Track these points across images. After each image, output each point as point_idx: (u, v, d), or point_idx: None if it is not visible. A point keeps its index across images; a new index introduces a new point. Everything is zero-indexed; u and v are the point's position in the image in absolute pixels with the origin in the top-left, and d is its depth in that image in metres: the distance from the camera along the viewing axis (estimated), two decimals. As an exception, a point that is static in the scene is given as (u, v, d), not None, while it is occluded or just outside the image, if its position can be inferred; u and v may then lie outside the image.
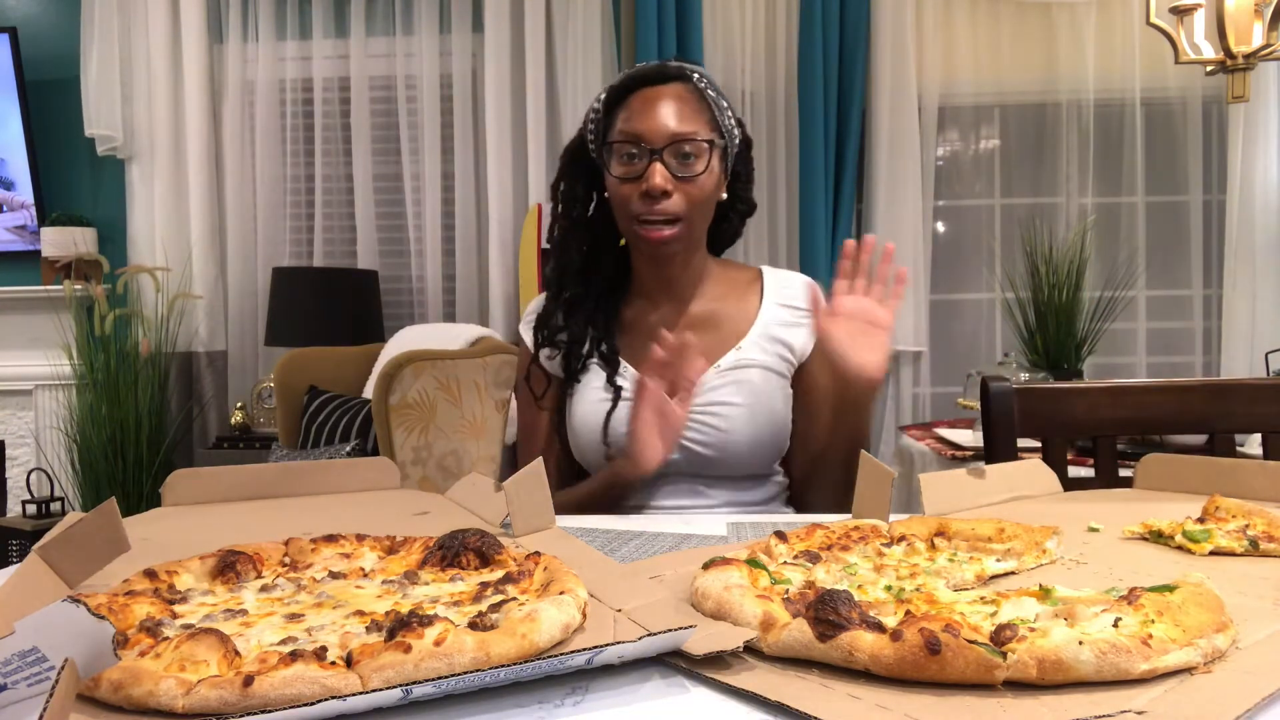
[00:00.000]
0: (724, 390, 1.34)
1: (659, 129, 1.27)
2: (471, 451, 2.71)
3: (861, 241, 1.24)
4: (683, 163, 1.27)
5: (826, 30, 3.54)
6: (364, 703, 0.52)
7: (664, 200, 1.26)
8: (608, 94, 1.33)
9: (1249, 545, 0.83)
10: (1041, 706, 0.51)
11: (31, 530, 3.18)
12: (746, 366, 1.36)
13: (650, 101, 1.29)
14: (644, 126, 1.27)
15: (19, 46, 3.69)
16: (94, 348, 3.53)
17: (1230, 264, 3.61)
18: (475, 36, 3.71)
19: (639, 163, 1.27)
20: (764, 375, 1.36)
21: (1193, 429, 1.52)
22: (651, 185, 1.25)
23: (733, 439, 1.32)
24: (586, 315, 1.38)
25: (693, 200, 1.29)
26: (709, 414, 1.33)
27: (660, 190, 1.25)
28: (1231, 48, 2.54)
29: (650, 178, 1.25)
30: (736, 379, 1.35)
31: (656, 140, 1.26)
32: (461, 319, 3.69)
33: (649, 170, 1.26)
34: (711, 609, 0.66)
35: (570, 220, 1.38)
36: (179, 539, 0.91)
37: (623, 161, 1.28)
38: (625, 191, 1.29)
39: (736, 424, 1.32)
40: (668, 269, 1.37)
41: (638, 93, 1.30)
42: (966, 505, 1.04)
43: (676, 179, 1.27)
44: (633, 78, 1.32)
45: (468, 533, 0.79)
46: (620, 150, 1.28)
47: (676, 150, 1.27)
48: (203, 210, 3.72)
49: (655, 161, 1.26)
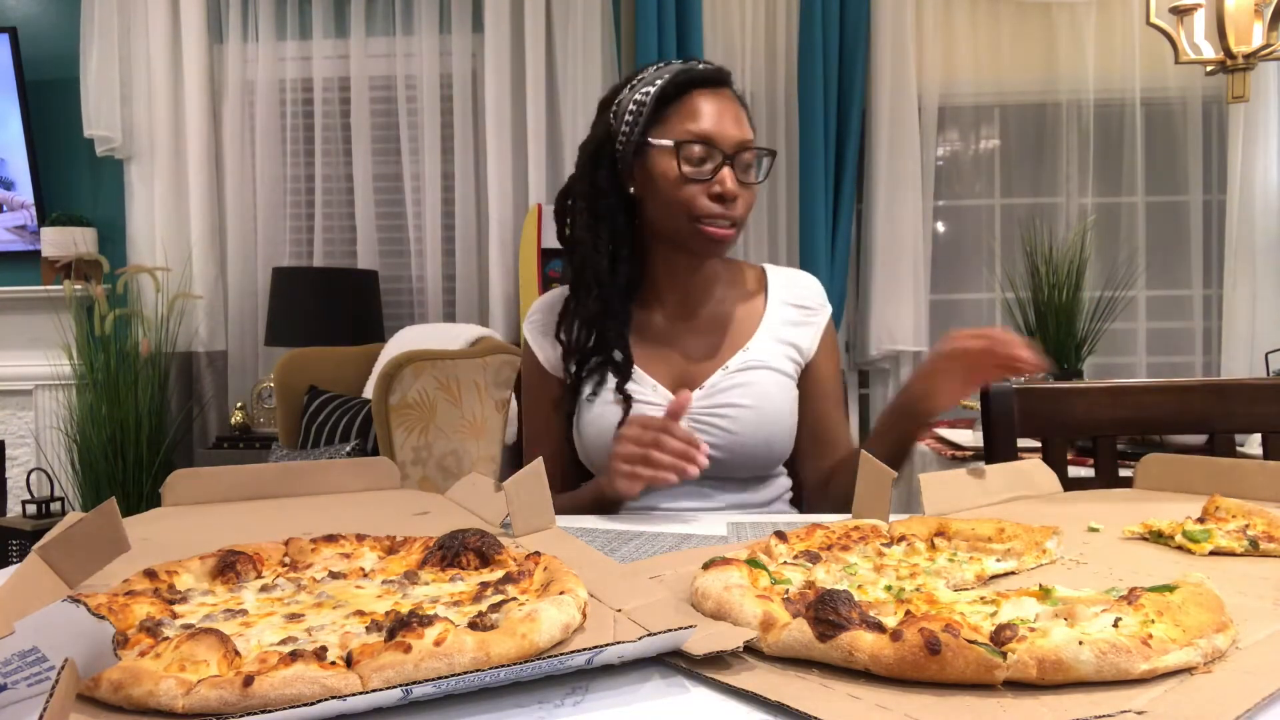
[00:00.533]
0: (732, 392, 1.33)
1: (729, 134, 1.28)
2: (471, 451, 2.71)
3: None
4: (745, 170, 1.30)
5: (826, 30, 3.54)
6: (364, 703, 0.52)
7: (732, 205, 1.28)
8: (661, 90, 1.30)
9: (1249, 545, 0.83)
10: (1041, 706, 0.51)
11: (31, 530, 3.18)
12: (754, 367, 1.35)
13: (715, 104, 1.29)
14: (715, 129, 1.27)
15: (19, 46, 3.69)
16: (94, 348, 3.53)
17: (1230, 264, 3.61)
18: (475, 36, 3.71)
19: (706, 165, 1.28)
20: (771, 376, 1.36)
21: (1193, 429, 1.52)
22: (726, 190, 1.27)
23: (741, 440, 1.32)
24: (603, 318, 1.36)
25: (749, 206, 1.32)
26: (717, 415, 1.32)
27: (733, 195, 1.27)
28: (1231, 48, 2.54)
29: (723, 181, 1.27)
30: (744, 380, 1.34)
31: (727, 145, 1.28)
32: (461, 319, 3.69)
33: (720, 174, 1.27)
34: (711, 609, 0.66)
35: (595, 218, 1.35)
36: (179, 539, 0.91)
37: (690, 161, 1.28)
38: (689, 192, 1.28)
39: (745, 426, 1.32)
40: (693, 270, 1.37)
41: (699, 93, 1.30)
42: (966, 505, 1.04)
43: (741, 184, 1.29)
44: (689, 78, 1.31)
45: (468, 533, 0.79)
46: (687, 150, 1.27)
47: (741, 159, 1.29)
48: (203, 210, 3.72)
49: (727, 165, 1.27)
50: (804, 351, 1.39)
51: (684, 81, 1.30)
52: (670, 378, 1.36)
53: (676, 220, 1.30)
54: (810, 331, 1.40)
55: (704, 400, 1.33)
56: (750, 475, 1.36)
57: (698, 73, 1.32)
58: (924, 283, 3.66)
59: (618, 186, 1.34)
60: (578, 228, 1.36)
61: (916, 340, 3.65)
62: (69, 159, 3.83)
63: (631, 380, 1.34)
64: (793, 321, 1.40)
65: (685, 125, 1.28)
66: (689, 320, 1.39)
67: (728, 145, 1.28)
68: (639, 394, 1.33)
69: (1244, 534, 0.85)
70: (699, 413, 1.32)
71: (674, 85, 1.30)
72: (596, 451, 1.35)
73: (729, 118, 1.29)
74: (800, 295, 1.42)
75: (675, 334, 1.38)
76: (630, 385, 1.34)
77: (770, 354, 1.37)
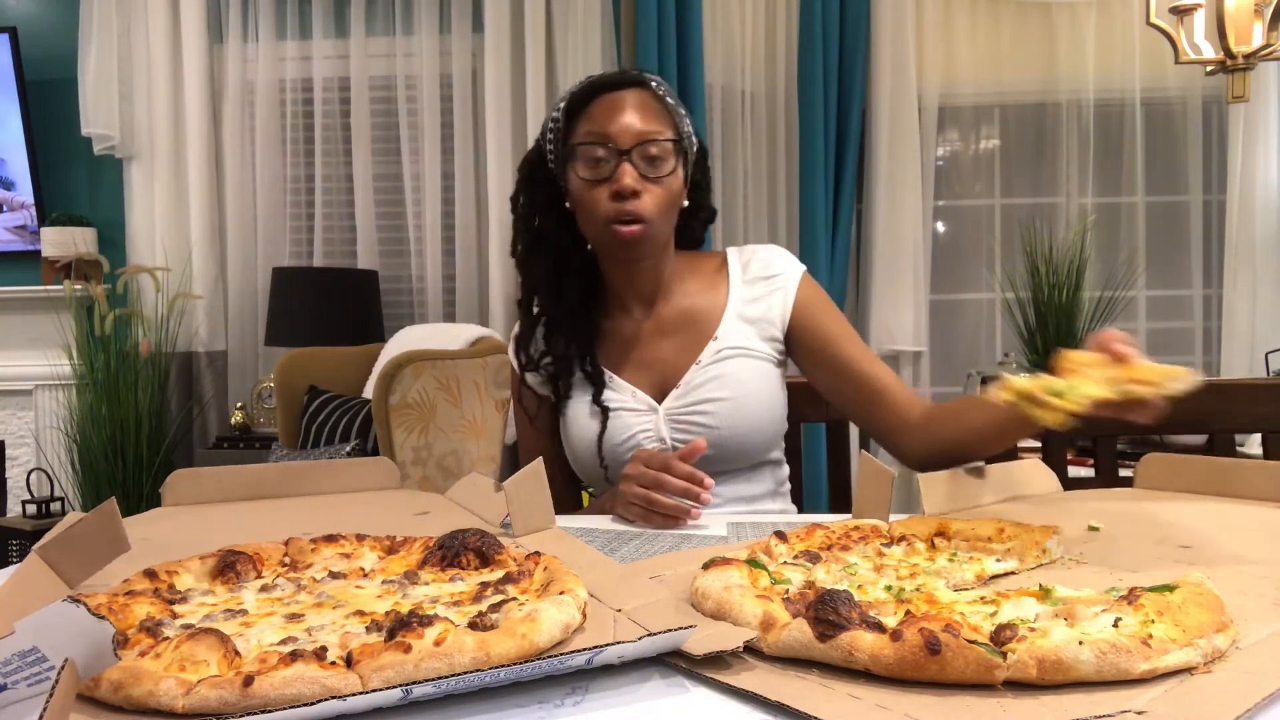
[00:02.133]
0: (707, 387, 1.32)
1: (626, 129, 1.25)
2: (471, 451, 2.71)
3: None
4: (650, 164, 1.26)
5: (826, 30, 3.54)
6: (364, 703, 0.52)
7: (633, 200, 1.25)
8: (568, 101, 1.31)
9: (1119, 392, 0.83)
10: (1041, 706, 0.51)
11: (31, 530, 3.18)
12: (727, 357, 1.34)
13: (614, 104, 1.27)
14: (611, 127, 1.25)
15: (19, 46, 3.69)
16: (94, 348, 3.53)
17: (1230, 264, 3.61)
18: (475, 36, 3.71)
19: (606, 165, 1.26)
20: (745, 362, 1.34)
21: (1193, 429, 1.52)
22: (622, 185, 1.24)
23: (723, 434, 1.31)
24: (566, 332, 1.36)
25: (660, 201, 1.28)
26: (696, 413, 1.31)
27: (630, 190, 1.24)
28: (1231, 48, 2.55)
29: (620, 178, 1.24)
30: (718, 373, 1.33)
31: (624, 141, 1.25)
32: (461, 319, 3.69)
33: (618, 171, 1.25)
34: (711, 609, 0.66)
35: (534, 233, 1.36)
36: (179, 539, 0.91)
37: (590, 164, 1.27)
38: (594, 195, 1.27)
39: (725, 419, 1.31)
40: (637, 274, 1.35)
41: (600, 98, 1.29)
42: (966, 505, 1.04)
43: (645, 179, 1.26)
44: (593, 84, 1.30)
45: (468, 533, 0.79)
46: (587, 153, 1.26)
47: (643, 151, 1.26)
48: (203, 210, 3.72)
49: (624, 162, 1.25)
50: (778, 321, 1.36)
51: (588, 90, 1.30)
52: (648, 382, 1.35)
53: (594, 226, 1.30)
54: (778, 298, 1.36)
55: (681, 400, 1.33)
56: (745, 465, 1.35)
57: (599, 79, 1.31)
58: (924, 283, 3.66)
59: (557, 204, 1.34)
60: (521, 252, 1.37)
61: (916, 340, 3.65)
62: (69, 159, 3.83)
63: (609, 389, 1.34)
64: (756, 297, 1.37)
65: (585, 128, 1.28)
66: (656, 322, 1.38)
67: (625, 140, 1.25)
68: (619, 402, 1.33)
69: (1118, 383, 0.84)
70: (678, 412, 1.32)
71: (579, 96, 1.30)
72: (583, 465, 1.36)
73: (631, 114, 1.26)
74: (759, 268, 1.39)
75: (646, 338, 1.37)
76: (609, 394, 1.34)
77: (740, 338, 1.35)
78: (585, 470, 1.37)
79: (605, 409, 1.32)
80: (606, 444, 1.32)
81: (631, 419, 1.32)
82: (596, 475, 1.36)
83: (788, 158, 3.63)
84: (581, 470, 1.38)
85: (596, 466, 1.34)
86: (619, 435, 1.32)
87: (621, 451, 1.31)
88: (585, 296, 1.38)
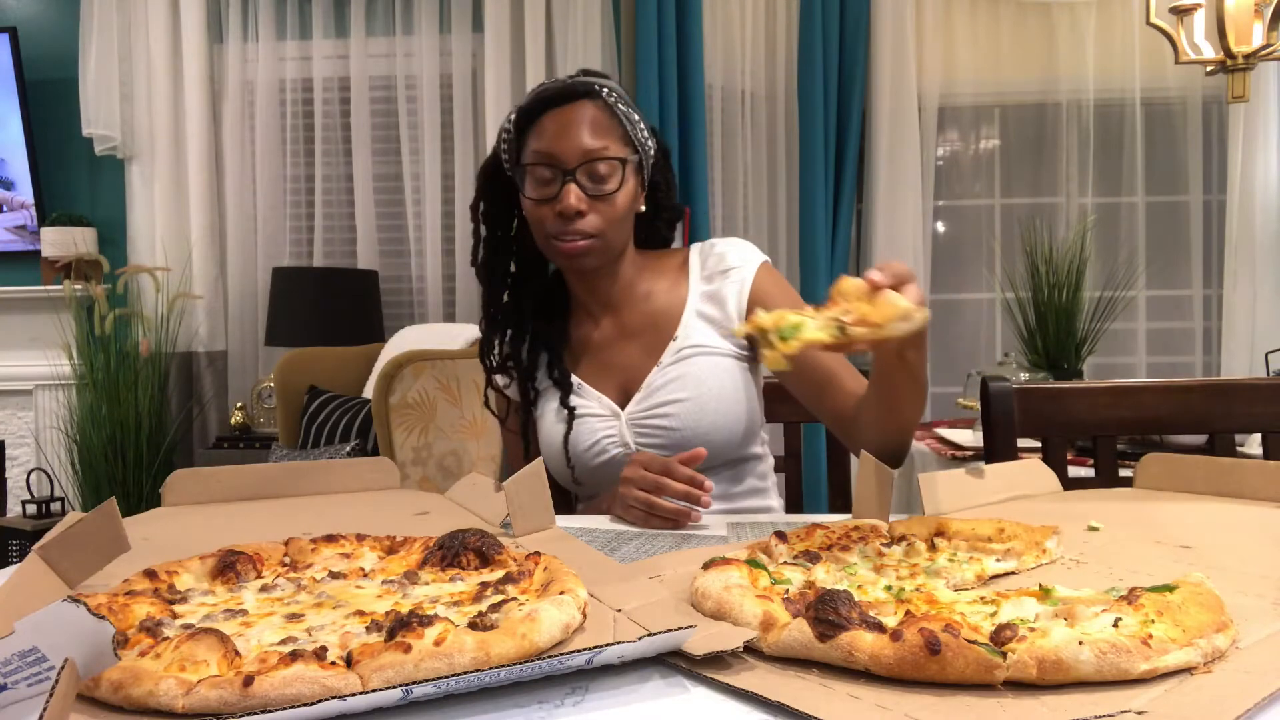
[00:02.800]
0: (667, 388, 1.32)
1: (570, 149, 1.25)
2: (471, 451, 2.71)
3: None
4: (595, 182, 1.27)
5: (826, 30, 3.54)
6: (364, 703, 0.52)
7: (579, 220, 1.26)
8: (517, 115, 1.31)
9: (837, 332, 0.81)
10: (1041, 706, 0.51)
11: (31, 530, 3.17)
12: (686, 357, 1.33)
13: (561, 122, 1.27)
14: (556, 147, 1.26)
15: (19, 46, 3.69)
16: (94, 348, 3.53)
17: (1230, 264, 3.61)
18: (475, 36, 3.71)
19: (553, 185, 1.26)
20: (706, 360, 1.33)
21: (1193, 429, 1.51)
22: (565, 206, 1.25)
23: (687, 435, 1.30)
24: (534, 338, 1.38)
25: (607, 218, 1.28)
26: (656, 415, 1.32)
27: (574, 210, 1.25)
28: (1231, 48, 2.54)
29: (564, 198, 1.25)
30: (678, 374, 1.32)
31: (569, 161, 1.25)
32: (461, 319, 3.68)
33: (563, 191, 1.25)
34: (711, 609, 0.66)
35: (494, 241, 1.38)
36: (179, 539, 0.91)
37: (537, 183, 1.27)
38: (541, 212, 1.28)
39: (686, 420, 1.30)
40: (595, 282, 1.37)
41: (548, 113, 1.28)
42: (966, 505, 1.04)
43: (590, 198, 1.27)
44: (541, 98, 1.29)
45: (468, 533, 0.79)
46: (534, 172, 1.27)
47: (589, 170, 1.26)
48: (203, 210, 3.72)
49: (569, 182, 1.25)
50: (734, 315, 1.34)
51: (535, 103, 1.29)
52: (614, 386, 1.36)
53: (540, 240, 1.32)
54: (733, 289, 1.35)
55: (643, 403, 1.33)
56: (718, 462, 1.33)
57: (546, 92, 1.30)
58: (924, 283, 3.66)
59: (515, 211, 1.36)
60: (479, 252, 1.39)
61: (916, 340, 3.64)
62: (69, 159, 3.83)
63: (576, 394, 1.35)
64: (713, 292, 1.37)
65: (532, 147, 1.28)
66: (619, 327, 1.38)
67: (570, 160, 1.25)
68: (584, 408, 1.34)
69: (837, 322, 0.83)
70: (639, 416, 1.32)
71: (527, 109, 1.30)
72: (552, 467, 1.35)
73: (576, 133, 1.26)
74: (716, 263, 1.38)
75: (610, 343, 1.38)
76: (575, 399, 1.35)
77: (699, 335, 1.34)
78: (555, 471, 1.37)
79: (571, 412, 1.34)
80: (572, 448, 1.34)
81: (596, 424, 1.33)
82: (565, 476, 1.37)
83: (788, 158, 3.63)
84: (552, 471, 1.37)
85: (564, 468, 1.35)
86: (584, 441, 1.33)
87: (588, 457, 1.33)
88: (544, 303, 1.40)
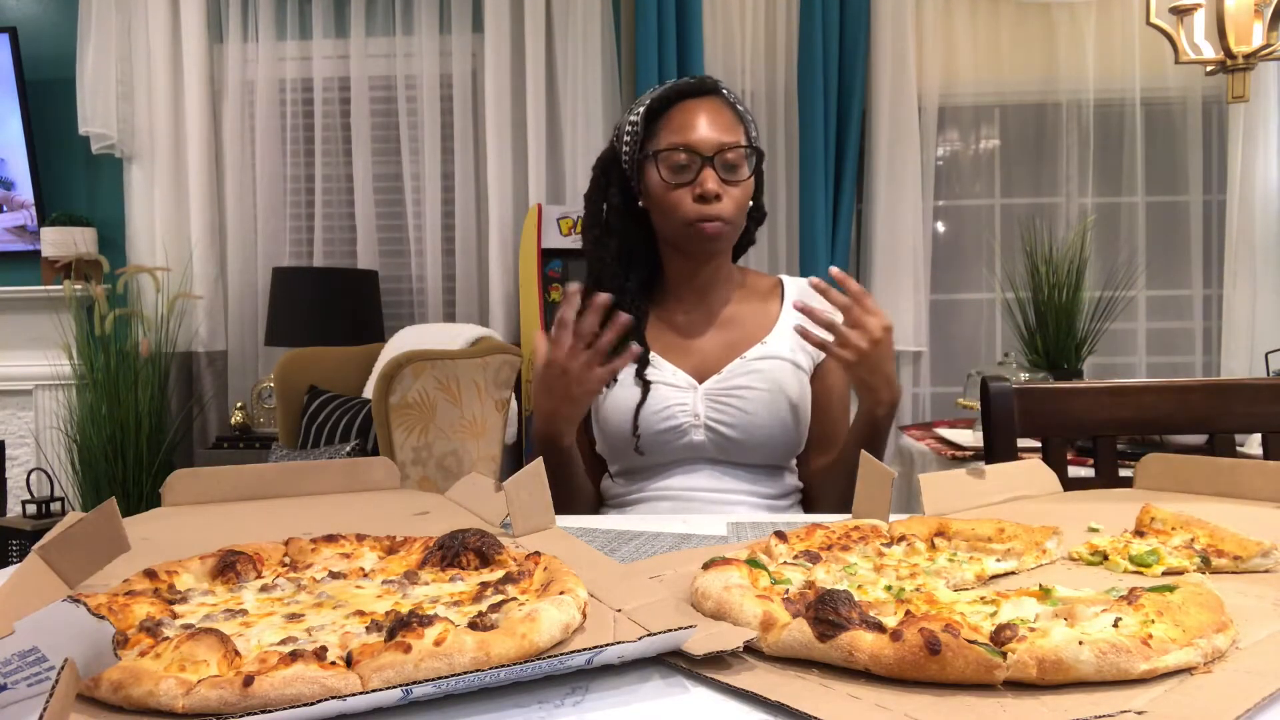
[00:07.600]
0: (748, 377, 1.40)
1: (708, 138, 1.36)
2: (471, 451, 2.71)
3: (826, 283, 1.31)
4: (728, 170, 1.37)
5: (826, 30, 3.54)
6: (364, 703, 0.52)
7: (716, 203, 1.36)
8: (648, 107, 1.40)
9: (1200, 562, 0.77)
10: (1041, 706, 0.51)
11: (31, 530, 3.17)
12: (771, 359, 1.42)
13: (695, 112, 1.37)
14: (694, 136, 1.36)
15: (19, 46, 3.69)
16: (94, 348, 3.53)
17: (1230, 264, 3.61)
18: (475, 36, 3.71)
19: (688, 171, 1.36)
20: (788, 367, 1.43)
21: (1193, 429, 1.51)
22: (706, 189, 1.34)
23: (755, 421, 1.38)
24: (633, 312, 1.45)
25: (737, 204, 1.39)
26: (733, 395, 1.39)
27: (714, 194, 1.35)
28: (1231, 48, 2.54)
29: (704, 182, 1.35)
30: (760, 369, 1.41)
31: (706, 148, 1.35)
32: (461, 319, 3.69)
33: (701, 176, 1.35)
34: (711, 609, 0.66)
35: (605, 228, 1.46)
36: (179, 539, 0.91)
37: (673, 170, 1.36)
38: (676, 197, 1.37)
39: (758, 407, 1.38)
40: (701, 271, 1.45)
41: (680, 104, 1.39)
42: (966, 505, 1.04)
43: (724, 183, 1.36)
44: (674, 91, 1.40)
45: (468, 533, 0.79)
46: (669, 159, 1.36)
47: (723, 158, 1.36)
48: (203, 210, 3.72)
49: (707, 167, 1.35)
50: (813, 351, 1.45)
51: (669, 96, 1.40)
52: (690, 365, 1.44)
53: (673, 224, 1.40)
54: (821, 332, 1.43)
55: (721, 382, 1.41)
56: (762, 463, 1.42)
57: (682, 85, 1.41)
58: (924, 283, 3.66)
59: (628, 201, 1.45)
60: (589, 242, 1.48)
61: (916, 340, 3.65)
62: (69, 159, 3.83)
63: (652, 367, 1.42)
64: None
65: (668, 137, 1.38)
66: (707, 318, 1.47)
67: (707, 148, 1.35)
68: (658, 377, 1.42)
69: (1191, 548, 0.79)
70: (716, 393, 1.40)
71: (660, 101, 1.40)
72: (616, 436, 1.42)
73: (708, 122, 1.37)
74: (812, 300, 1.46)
75: (694, 330, 1.47)
76: (650, 371, 1.42)
77: (787, 348, 1.44)
78: (617, 440, 1.42)
79: (647, 382, 1.41)
80: (644, 414, 1.40)
81: (670, 393, 1.40)
82: (628, 445, 1.41)
83: (788, 158, 3.63)
84: (613, 442, 1.43)
85: (629, 435, 1.40)
86: (656, 406, 1.40)
87: (656, 422, 1.39)
88: (645, 286, 1.49)
